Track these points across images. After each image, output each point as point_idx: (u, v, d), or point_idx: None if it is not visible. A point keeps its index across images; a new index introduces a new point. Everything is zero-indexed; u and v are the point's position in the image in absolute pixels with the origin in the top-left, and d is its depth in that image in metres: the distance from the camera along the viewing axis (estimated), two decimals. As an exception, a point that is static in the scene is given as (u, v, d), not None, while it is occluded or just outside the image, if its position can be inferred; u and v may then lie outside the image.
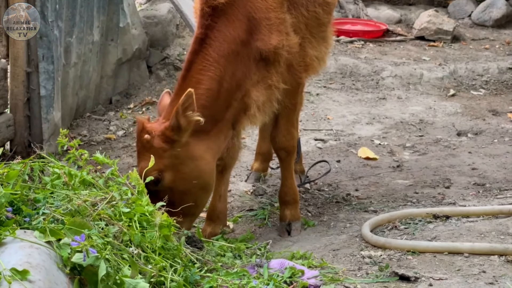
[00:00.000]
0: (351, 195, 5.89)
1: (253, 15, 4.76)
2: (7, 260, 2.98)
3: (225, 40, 4.68)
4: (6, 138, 6.40)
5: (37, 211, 3.41)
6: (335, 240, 5.00)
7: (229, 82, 4.72)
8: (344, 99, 8.03)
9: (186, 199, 4.47)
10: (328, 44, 5.38)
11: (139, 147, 4.60)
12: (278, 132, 5.16)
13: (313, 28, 5.13)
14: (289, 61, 4.93)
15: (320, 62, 5.26)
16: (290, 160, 5.26)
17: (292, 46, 4.91)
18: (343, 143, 6.94)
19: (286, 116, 5.12)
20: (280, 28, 4.85)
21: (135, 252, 3.60)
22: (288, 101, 5.06)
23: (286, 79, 4.96)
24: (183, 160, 4.58)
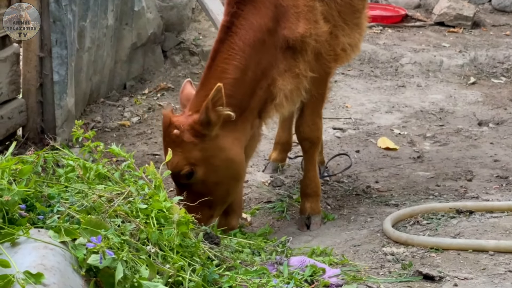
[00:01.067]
0: (371, 187, 5.74)
1: (280, 2, 4.67)
2: (20, 262, 2.86)
3: (251, 28, 4.60)
4: (18, 124, 6.28)
5: (52, 209, 3.28)
6: (356, 235, 4.86)
7: (254, 70, 4.64)
8: (363, 87, 7.87)
9: (218, 190, 4.44)
10: (362, 31, 5.25)
11: (168, 142, 4.50)
12: (303, 122, 5.04)
13: (346, 15, 5.00)
14: (317, 50, 4.82)
15: (353, 49, 5.14)
16: (314, 151, 5.13)
17: (320, 34, 4.79)
18: (362, 132, 6.79)
19: (312, 106, 5.01)
20: (308, 16, 4.74)
21: (152, 250, 3.47)
22: (315, 91, 4.94)
23: (314, 67, 4.84)
24: (213, 153, 4.53)
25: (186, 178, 4.44)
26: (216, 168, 4.53)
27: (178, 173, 4.49)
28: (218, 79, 4.46)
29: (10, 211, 3.07)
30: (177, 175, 4.49)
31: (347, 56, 5.14)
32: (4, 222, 3.04)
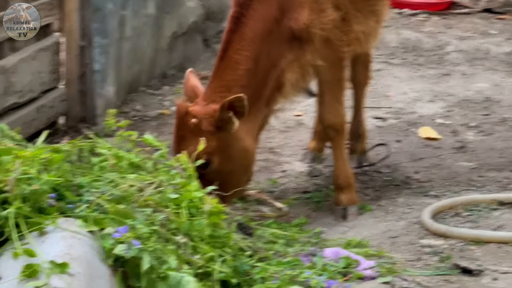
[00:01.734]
0: (411, 177, 5.64)
1: None
2: (47, 251, 2.86)
3: (259, 18, 4.65)
4: (59, 112, 6.33)
5: (81, 198, 3.27)
6: (393, 227, 4.79)
7: (265, 61, 4.69)
8: (406, 75, 7.74)
9: (230, 180, 4.46)
10: (379, 19, 5.20)
11: (184, 131, 4.55)
12: (324, 109, 5.01)
13: (358, 3, 4.96)
14: (326, 37, 4.80)
15: (368, 37, 5.09)
16: (340, 139, 5.07)
17: (327, 23, 4.77)
18: (403, 122, 6.68)
19: (330, 92, 4.97)
20: (313, 6, 4.73)
21: (182, 241, 3.46)
22: (330, 76, 4.93)
23: (325, 54, 4.83)
24: (230, 142, 4.57)
25: (203, 167, 4.36)
26: (231, 158, 4.59)
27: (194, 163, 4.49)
28: (231, 69, 4.58)
29: (39, 200, 3.07)
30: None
31: (361, 44, 5.09)
32: (33, 211, 3.04)
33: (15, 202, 2.98)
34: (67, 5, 6.22)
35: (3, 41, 5.55)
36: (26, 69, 5.81)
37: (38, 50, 5.97)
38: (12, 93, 5.67)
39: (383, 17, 5.25)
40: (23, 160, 3.11)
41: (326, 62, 4.84)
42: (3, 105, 5.58)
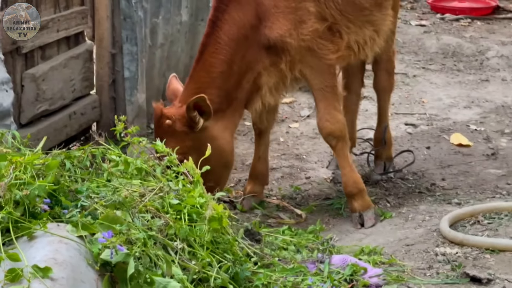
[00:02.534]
0: (436, 185, 5.58)
1: (262, 1, 4.78)
2: (33, 256, 2.91)
3: (234, 23, 4.76)
4: (91, 119, 6.40)
5: (76, 203, 3.32)
6: (411, 234, 4.73)
7: (240, 64, 4.81)
8: (443, 81, 7.65)
9: (209, 178, 4.44)
10: (378, 28, 5.16)
11: (160, 132, 4.68)
12: (321, 117, 4.99)
13: (350, 13, 4.96)
14: (307, 47, 4.84)
15: (363, 47, 5.06)
16: (342, 146, 5.03)
17: (307, 34, 4.82)
18: (435, 128, 6.60)
19: (324, 99, 4.95)
20: (290, 17, 4.78)
21: (179, 246, 3.48)
22: (320, 83, 4.92)
23: (310, 62, 4.87)
24: (205, 141, 4.60)
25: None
26: (208, 157, 4.56)
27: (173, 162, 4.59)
28: (206, 72, 4.75)
29: (30, 205, 3.13)
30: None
31: (356, 53, 5.06)
32: (24, 216, 3.10)
33: (6, 207, 3.04)
34: (98, 13, 6.31)
35: (34, 50, 5.66)
36: (57, 76, 5.90)
37: (69, 58, 6.05)
38: (42, 101, 5.74)
39: (383, 27, 5.21)
40: (18, 166, 3.17)
41: (312, 69, 4.87)
42: (34, 112, 5.67)
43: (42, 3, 5.66)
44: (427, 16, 9.61)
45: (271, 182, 5.64)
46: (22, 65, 5.56)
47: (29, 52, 5.59)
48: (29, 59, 5.64)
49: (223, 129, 4.80)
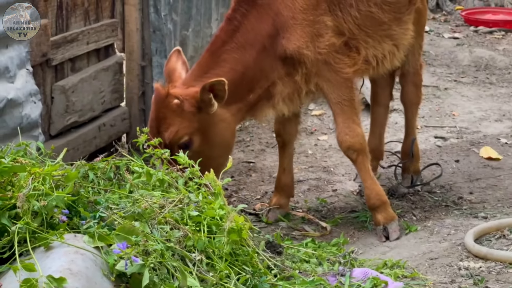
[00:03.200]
0: (463, 198, 5.53)
1: (281, 11, 4.78)
2: (48, 266, 2.94)
3: (253, 29, 4.78)
4: (121, 131, 6.46)
5: (94, 214, 3.35)
6: (435, 248, 4.70)
7: (254, 69, 4.81)
8: (474, 94, 7.59)
9: (209, 162, 4.47)
10: (398, 42, 5.14)
11: (166, 112, 4.63)
12: (340, 131, 4.96)
13: (368, 28, 4.95)
14: (324, 60, 4.83)
15: (382, 61, 5.02)
16: (362, 159, 4.99)
17: (323, 47, 4.81)
18: (465, 142, 6.55)
19: (342, 113, 4.92)
20: (307, 30, 4.78)
21: (197, 258, 3.49)
22: (338, 97, 4.89)
23: (327, 76, 4.86)
24: (209, 125, 4.67)
25: (183, 148, 4.52)
26: (211, 141, 4.69)
27: (176, 143, 4.60)
28: (217, 64, 4.75)
29: (48, 216, 3.16)
30: (173, 145, 4.59)
31: (375, 67, 5.05)
32: (42, 226, 3.14)
33: (24, 218, 3.09)
34: (128, 26, 6.38)
35: (64, 62, 5.74)
36: (87, 88, 5.96)
37: (99, 70, 6.11)
38: (72, 112, 5.81)
39: (403, 41, 5.18)
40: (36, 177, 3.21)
41: (329, 83, 4.86)
42: (63, 123, 5.74)
43: (72, 16, 5.75)
44: (461, 28, 9.56)
45: (297, 195, 5.64)
46: (52, 77, 5.64)
47: (59, 64, 5.67)
48: (59, 71, 5.72)
49: (230, 117, 4.78)
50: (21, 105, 4.90)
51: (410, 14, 5.22)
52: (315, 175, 5.93)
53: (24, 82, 4.98)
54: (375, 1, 4.96)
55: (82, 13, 5.85)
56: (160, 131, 4.63)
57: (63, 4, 5.64)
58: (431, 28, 9.48)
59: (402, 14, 5.12)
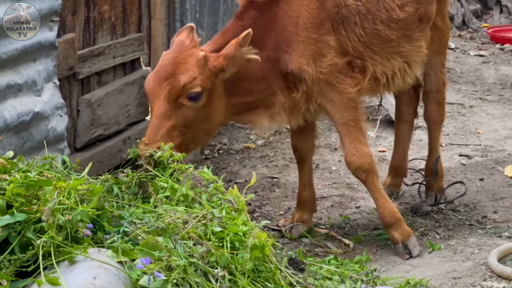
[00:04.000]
0: (487, 217, 5.51)
1: (286, 26, 4.76)
2: (72, 280, 2.96)
3: (258, 37, 4.66)
4: (146, 144, 6.48)
5: (118, 229, 3.37)
6: (459, 267, 4.68)
7: (257, 74, 4.77)
8: (500, 112, 7.56)
9: (194, 130, 4.56)
10: (409, 59, 5.11)
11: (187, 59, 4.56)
12: (347, 152, 4.91)
13: (375, 45, 4.93)
14: (326, 81, 4.81)
15: (393, 78, 5.01)
16: (372, 179, 4.94)
17: (325, 67, 4.79)
18: (490, 160, 6.52)
19: (348, 133, 4.88)
20: (310, 48, 4.77)
21: (220, 274, 3.50)
22: (342, 117, 4.86)
23: (330, 96, 4.82)
24: (215, 92, 4.64)
25: (190, 98, 4.54)
26: (208, 109, 4.63)
27: (189, 90, 4.54)
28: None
29: (73, 230, 3.19)
30: (182, 91, 4.54)
31: (385, 85, 5.04)
32: (67, 241, 3.16)
33: (49, 231, 3.11)
34: (155, 40, 6.43)
35: (90, 75, 5.79)
36: (113, 102, 6.00)
37: (125, 84, 6.15)
38: (98, 125, 5.85)
39: (415, 58, 5.16)
40: (62, 191, 3.24)
41: (333, 104, 4.82)
42: (89, 136, 5.78)
43: (99, 30, 5.80)
44: (486, 46, 9.53)
45: (320, 211, 5.63)
46: (78, 91, 5.69)
47: (85, 78, 5.72)
48: (85, 85, 5.77)
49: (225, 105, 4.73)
50: (47, 119, 4.93)
51: (421, 31, 5.18)
52: (338, 191, 5.92)
53: (50, 95, 5.01)
54: (381, 19, 4.93)
55: (109, 27, 5.90)
56: (175, 74, 4.55)
57: (91, 18, 5.69)
58: (456, 45, 9.46)
59: (412, 31, 5.10)
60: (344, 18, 4.84)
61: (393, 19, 4.97)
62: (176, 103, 4.55)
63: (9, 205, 3.25)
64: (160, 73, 4.62)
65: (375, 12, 4.91)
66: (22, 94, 4.77)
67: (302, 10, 4.77)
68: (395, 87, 5.16)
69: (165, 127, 4.52)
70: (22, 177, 3.34)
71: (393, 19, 4.97)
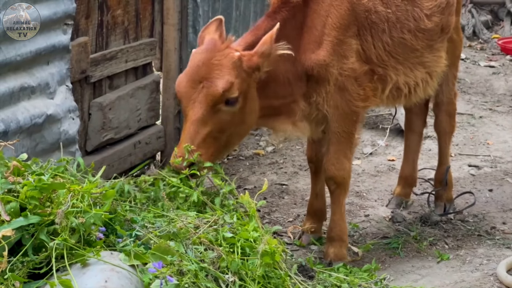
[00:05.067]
0: (496, 228, 5.51)
1: (315, 25, 4.68)
2: (85, 283, 2.98)
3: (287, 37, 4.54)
4: (156, 149, 6.51)
5: (130, 232, 3.39)
6: (467, 278, 4.69)
7: (283, 77, 4.68)
8: (509, 123, 7.55)
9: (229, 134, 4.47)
10: (431, 70, 5.12)
11: (222, 60, 4.39)
12: (328, 160, 4.86)
13: (399, 55, 4.91)
14: (342, 84, 4.73)
15: (415, 89, 5.01)
16: (340, 193, 4.91)
17: (346, 69, 4.73)
18: (499, 171, 6.52)
19: (337, 144, 4.82)
20: (336, 49, 4.70)
21: (230, 279, 3.51)
22: (339, 128, 4.80)
23: (338, 103, 4.76)
24: (250, 93, 4.52)
25: (228, 103, 4.40)
26: (245, 109, 4.51)
27: (227, 95, 4.39)
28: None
29: (86, 233, 3.21)
30: (220, 98, 4.38)
31: (406, 96, 5.03)
32: (80, 243, 3.18)
33: (62, 234, 3.13)
34: (166, 45, 6.44)
35: (102, 79, 5.81)
36: (124, 106, 6.02)
37: (136, 88, 6.17)
38: (109, 129, 5.87)
39: (436, 69, 5.16)
40: (75, 194, 3.26)
41: (336, 110, 4.76)
42: (99, 140, 5.80)
43: (112, 34, 5.83)
44: (497, 57, 9.54)
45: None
46: (90, 94, 5.71)
47: (97, 81, 5.74)
48: (97, 88, 5.79)
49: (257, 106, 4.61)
50: (59, 121, 4.96)
51: (442, 42, 5.20)
52: (347, 199, 5.91)
53: (63, 98, 5.04)
54: (409, 28, 4.93)
55: (121, 31, 5.93)
56: (211, 78, 4.37)
57: (104, 22, 5.72)
58: (467, 56, 9.47)
59: (434, 41, 5.11)
60: (373, 24, 4.82)
61: (420, 28, 4.97)
62: (213, 109, 4.38)
63: (22, 208, 3.28)
64: (193, 74, 4.42)
65: (403, 21, 4.91)
66: (35, 97, 4.80)
67: (332, 9, 4.71)
68: (416, 98, 5.15)
69: (201, 135, 4.35)
70: (36, 180, 3.36)
71: (420, 28, 4.97)
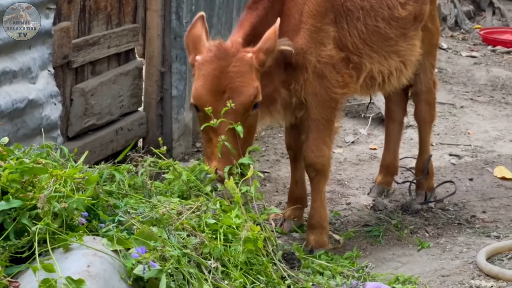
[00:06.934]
0: (476, 217, 5.55)
1: (293, 14, 4.69)
2: (67, 267, 2.98)
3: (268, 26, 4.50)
4: (138, 136, 6.49)
5: (113, 218, 3.39)
6: (447, 266, 4.72)
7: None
8: (490, 113, 7.60)
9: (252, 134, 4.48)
10: (405, 59, 5.14)
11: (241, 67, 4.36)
12: (307, 147, 4.87)
13: (374, 43, 4.94)
14: (321, 72, 4.74)
15: (389, 77, 5.02)
16: (320, 180, 4.92)
17: (324, 57, 4.73)
18: (479, 160, 6.56)
19: (316, 131, 4.83)
20: (313, 36, 4.70)
21: (213, 265, 3.52)
22: (318, 115, 4.81)
23: (316, 90, 4.76)
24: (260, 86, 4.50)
25: (256, 107, 4.40)
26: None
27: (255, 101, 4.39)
28: None
29: (68, 218, 3.20)
30: (251, 105, 4.38)
31: (380, 85, 5.05)
32: (62, 228, 3.17)
33: (45, 219, 3.12)
34: (149, 32, 6.41)
35: (84, 65, 5.78)
36: (106, 92, 5.99)
37: (119, 74, 6.15)
38: (90, 115, 5.84)
39: (410, 57, 5.19)
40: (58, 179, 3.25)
41: (315, 98, 4.77)
42: (81, 126, 5.77)
43: (94, 20, 5.79)
44: (478, 47, 9.58)
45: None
46: (72, 79, 5.68)
47: (79, 67, 5.71)
48: (79, 74, 5.76)
49: None
50: (41, 106, 4.93)
51: (416, 30, 5.22)
52: (329, 187, 5.94)
53: (45, 83, 5.01)
54: (383, 16, 4.95)
55: (104, 17, 5.90)
56: (236, 87, 4.35)
57: (86, 7, 5.68)
58: (449, 46, 9.51)
59: (408, 29, 5.13)
60: (348, 12, 4.84)
61: (394, 17, 4.99)
62: (244, 116, 4.37)
63: (4, 192, 3.26)
64: (213, 86, 4.38)
65: (378, 9, 4.93)
66: (17, 81, 4.77)
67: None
68: (390, 87, 5.17)
69: (238, 143, 4.33)
70: (17, 163, 3.35)
71: (394, 17, 4.99)
